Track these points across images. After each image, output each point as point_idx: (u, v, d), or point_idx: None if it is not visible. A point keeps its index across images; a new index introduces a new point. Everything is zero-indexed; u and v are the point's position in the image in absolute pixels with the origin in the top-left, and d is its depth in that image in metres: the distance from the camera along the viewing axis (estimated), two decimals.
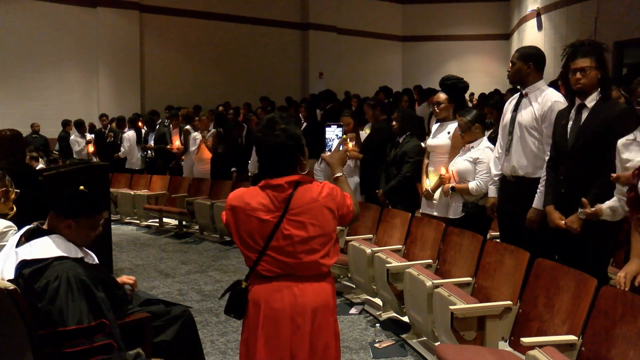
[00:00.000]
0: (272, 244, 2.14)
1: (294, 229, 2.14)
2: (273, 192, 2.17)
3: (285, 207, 2.15)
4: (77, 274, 2.31)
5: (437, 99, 4.73)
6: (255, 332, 2.18)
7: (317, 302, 2.19)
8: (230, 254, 6.75)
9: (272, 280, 2.17)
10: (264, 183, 2.20)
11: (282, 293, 2.16)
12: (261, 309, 2.16)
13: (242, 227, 2.17)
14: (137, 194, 8.85)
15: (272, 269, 2.17)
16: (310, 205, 2.16)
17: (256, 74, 14.93)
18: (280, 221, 2.14)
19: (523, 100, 3.64)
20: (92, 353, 2.25)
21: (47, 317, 2.24)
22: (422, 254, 4.18)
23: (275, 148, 2.16)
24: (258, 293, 2.19)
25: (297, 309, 2.16)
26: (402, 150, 5.01)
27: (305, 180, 2.20)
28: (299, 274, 2.18)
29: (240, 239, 2.20)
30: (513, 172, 3.63)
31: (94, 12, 12.84)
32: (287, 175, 2.18)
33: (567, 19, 11.70)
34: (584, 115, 3.16)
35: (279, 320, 2.15)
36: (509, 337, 3.04)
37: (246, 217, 2.16)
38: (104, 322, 2.31)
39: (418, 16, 17.79)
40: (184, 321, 2.79)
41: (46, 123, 11.64)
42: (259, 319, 2.16)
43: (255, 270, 2.19)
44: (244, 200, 2.18)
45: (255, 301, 2.19)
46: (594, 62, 3.11)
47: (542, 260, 3.03)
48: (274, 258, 2.15)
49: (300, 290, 2.17)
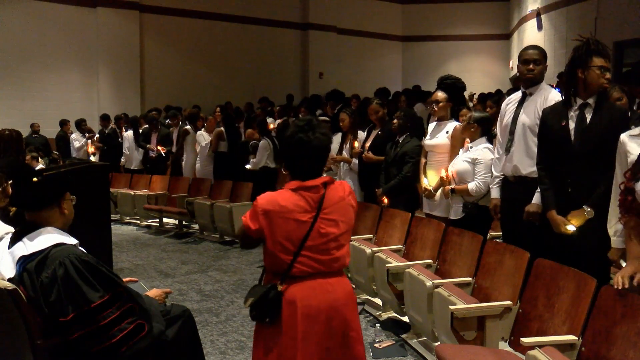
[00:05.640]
0: (308, 243, 2.24)
1: (328, 227, 2.27)
2: (308, 193, 2.26)
3: (319, 207, 2.25)
4: (78, 255, 2.34)
5: (435, 98, 4.74)
6: (291, 331, 2.24)
7: (345, 295, 2.34)
8: (230, 254, 6.75)
9: (305, 280, 2.27)
10: (297, 185, 2.27)
11: (317, 290, 2.27)
12: (297, 308, 2.24)
13: (278, 230, 2.23)
14: (137, 194, 8.86)
15: (305, 268, 2.26)
16: (340, 203, 2.31)
17: (256, 74, 14.92)
18: (315, 221, 2.24)
19: (527, 100, 3.61)
20: (122, 318, 2.33)
21: (67, 301, 2.26)
22: (422, 254, 4.18)
23: (319, 150, 2.28)
24: (293, 293, 2.26)
25: (331, 303, 2.28)
26: (402, 150, 5.01)
27: (331, 180, 2.33)
28: (328, 270, 2.29)
29: (274, 243, 2.25)
30: (515, 172, 3.61)
31: (94, 12, 12.82)
32: (319, 176, 2.30)
33: (567, 19, 11.69)
34: (588, 115, 3.13)
35: (315, 316, 2.25)
36: (509, 337, 3.04)
37: (283, 220, 2.22)
38: (120, 290, 2.37)
39: (418, 16, 17.76)
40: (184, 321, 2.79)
41: (46, 123, 11.63)
42: (295, 319, 2.24)
43: (289, 271, 2.26)
44: (278, 203, 2.24)
45: (291, 302, 2.25)
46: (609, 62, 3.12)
47: (542, 260, 3.02)
48: (309, 257, 2.25)
49: (331, 285, 2.30)
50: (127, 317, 2.35)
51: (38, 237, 2.40)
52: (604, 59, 3.09)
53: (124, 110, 11.98)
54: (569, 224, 3.11)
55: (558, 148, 3.22)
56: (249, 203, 7.28)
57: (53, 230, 2.45)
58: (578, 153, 3.11)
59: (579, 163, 3.11)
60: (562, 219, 3.15)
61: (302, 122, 2.31)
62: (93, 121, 12.01)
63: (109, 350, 2.32)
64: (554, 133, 3.24)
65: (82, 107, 12.60)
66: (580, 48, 3.16)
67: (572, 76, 3.17)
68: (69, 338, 2.30)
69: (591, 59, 3.09)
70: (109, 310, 2.32)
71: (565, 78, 3.35)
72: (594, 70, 3.08)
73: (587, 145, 3.09)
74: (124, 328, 2.33)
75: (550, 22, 12.50)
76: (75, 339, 2.29)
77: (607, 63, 3.10)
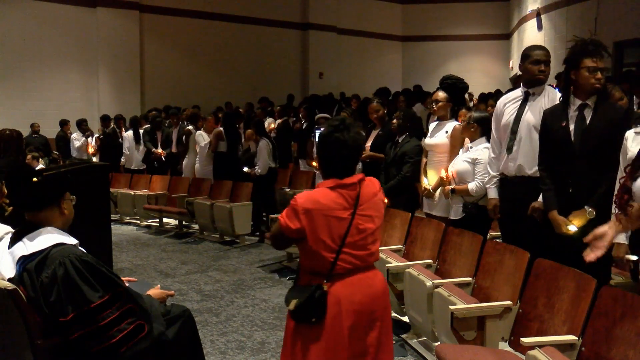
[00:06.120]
0: (348, 240, 2.29)
1: (365, 223, 2.33)
2: (346, 191, 2.31)
3: (356, 204, 2.30)
4: (78, 256, 2.34)
5: (435, 97, 4.75)
6: (337, 329, 2.27)
7: (383, 287, 2.44)
8: (230, 254, 6.75)
9: (345, 276, 2.32)
10: (335, 183, 2.32)
11: (358, 286, 2.32)
12: (342, 305, 2.28)
13: (320, 229, 2.27)
14: (137, 194, 8.86)
15: (346, 265, 2.31)
16: (373, 199, 2.38)
17: (256, 74, 14.92)
18: (353, 217, 2.29)
19: (530, 100, 3.60)
20: (122, 318, 2.33)
21: (67, 301, 2.26)
22: (422, 254, 4.18)
23: (355, 148, 2.34)
24: (336, 291, 2.30)
25: (372, 297, 2.36)
26: (402, 150, 5.01)
27: (364, 177, 2.39)
28: (365, 265, 2.36)
29: (316, 241, 2.28)
30: (518, 171, 3.59)
31: (94, 12, 12.83)
32: (354, 173, 2.36)
33: (567, 19, 11.69)
34: (588, 116, 3.14)
35: (359, 312, 2.31)
36: (509, 337, 3.04)
37: (324, 218, 2.27)
38: (120, 290, 2.37)
39: (418, 16, 17.77)
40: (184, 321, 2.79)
41: (46, 123, 11.63)
42: (341, 316, 2.28)
43: (333, 269, 2.30)
44: (319, 202, 2.28)
45: (335, 299, 2.29)
46: (606, 63, 3.12)
47: (542, 260, 3.02)
48: (349, 254, 2.30)
49: (370, 279, 2.38)
50: (127, 317, 2.35)
51: (38, 237, 2.40)
52: (596, 59, 3.09)
53: (124, 110, 11.98)
54: (570, 224, 3.11)
55: (558, 148, 3.22)
56: (249, 203, 7.29)
57: (53, 230, 2.44)
58: (578, 153, 3.11)
59: (579, 163, 3.11)
60: (564, 219, 3.14)
61: (337, 121, 2.36)
62: (93, 121, 12.02)
63: (108, 350, 2.31)
64: (554, 133, 3.24)
65: (82, 107, 12.61)
66: (572, 49, 3.20)
67: (567, 77, 3.22)
68: (68, 338, 2.30)
69: (581, 59, 3.11)
70: (109, 310, 2.31)
71: (562, 79, 3.38)
72: (583, 71, 3.11)
73: (588, 145, 3.09)
74: (124, 329, 2.33)
75: (550, 22, 12.51)
76: (75, 339, 2.29)
77: (599, 63, 3.09)
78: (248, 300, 5.00)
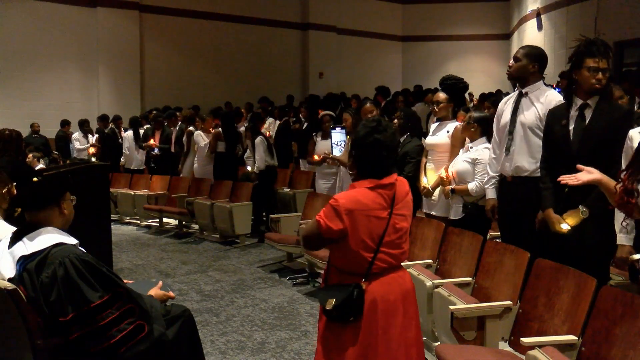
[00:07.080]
0: (385, 239, 2.31)
1: (401, 222, 2.37)
2: (384, 191, 2.33)
3: (393, 203, 2.34)
4: (78, 255, 2.34)
5: (436, 98, 4.74)
6: (372, 328, 2.30)
7: (412, 286, 2.47)
8: (230, 254, 6.75)
9: (380, 276, 2.34)
10: (374, 183, 2.33)
11: (392, 285, 2.36)
12: (378, 304, 2.31)
13: (362, 228, 2.28)
14: (137, 194, 8.86)
15: (382, 264, 2.34)
16: (406, 198, 2.43)
17: (256, 74, 14.92)
18: (390, 217, 2.32)
19: (523, 100, 3.60)
20: (122, 319, 2.34)
21: (67, 301, 2.26)
22: (422, 254, 4.18)
23: (392, 149, 2.38)
24: (372, 290, 2.32)
25: (405, 295, 2.39)
26: (403, 150, 5.00)
27: (397, 177, 2.41)
28: (397, 264, 2.39)
29: (357, 241, 2.29)
30: (516, 172, 3.60)
31: (94, 12, 12.83)
32: (390, 173, 2.38)
33: (567, 19, 11.69)
34: (588, 116, 3.14)
35: (394, 310, 2.34)
36: (509, 337, 3.04)
37: (365, 218, 2.28)
38: (120, 290, 2.38)
39: (418, 16, 17.77)
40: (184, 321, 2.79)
41: (46, 123, 11.62)
42: (376, 315, 2.30)
43: (371, 269, 2.32)
44: (360, 202, 2.30)
45: (372, 298, 2.31)
46: (609, 63, 3.12)
47: (542, 260, 3.02)
48: (386, 253, 2.33)
49: (402, 278, 2.42)
50: (127, 317, 2.36)
51: (38, 237, 2.40)
52: (597, 59, 3.09)
53: (124, 110, 11.99)
54: (563, 222, 3.13)
55: (558, 148, 3.23)
56: (249, 203, 7.28)
57: (53, 230, 2.45)
58: (577, 153, 3.11)
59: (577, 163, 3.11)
60: (558, 217, 3.16)
61: (373, 123, 2.37)
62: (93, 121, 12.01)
63: (107, 350, 2.32)
64: (554, 133, 3.26)
65: (82, 107, 12.60)
66: (576, 48, 3.19)
67: (570, 77, 3.23)
68: (68, 338, 2.30)
69: (584, 59, 3.12)
70: (109, 310, 2.32)
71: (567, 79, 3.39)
72: (584, 71, 3.11)
73: (586, 145, 3.10)
74: (123, 329, 2.33)
75: (550, 22, 12.51)
76: (75, 339, 2.29)
77: (601, 64, 3.09)
78: (248, 300, 5.00)
